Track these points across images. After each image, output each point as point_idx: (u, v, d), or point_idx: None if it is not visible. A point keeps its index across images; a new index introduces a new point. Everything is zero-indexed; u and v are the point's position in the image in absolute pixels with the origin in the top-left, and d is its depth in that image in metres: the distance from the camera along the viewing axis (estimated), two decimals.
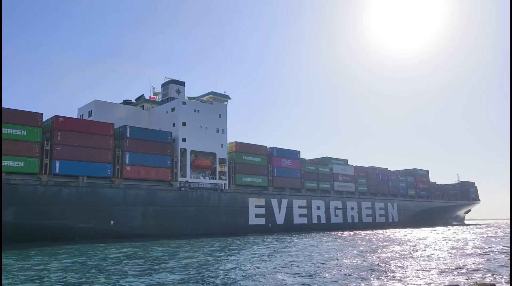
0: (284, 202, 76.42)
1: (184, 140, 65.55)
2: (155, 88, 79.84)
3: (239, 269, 23.88)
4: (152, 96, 78.78)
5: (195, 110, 68.73)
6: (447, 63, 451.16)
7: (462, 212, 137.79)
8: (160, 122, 69.34)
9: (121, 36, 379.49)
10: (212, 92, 74.66)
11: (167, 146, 61.84)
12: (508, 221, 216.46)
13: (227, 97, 76.18)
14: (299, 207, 79.47)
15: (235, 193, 69.78)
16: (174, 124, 66.51)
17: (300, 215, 79.35)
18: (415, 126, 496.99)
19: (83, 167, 52.24)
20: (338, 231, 73.82)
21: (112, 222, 52.80)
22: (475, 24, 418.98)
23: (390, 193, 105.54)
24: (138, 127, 61.47)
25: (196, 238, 52.17)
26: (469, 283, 18.51)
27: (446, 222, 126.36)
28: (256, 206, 71.25)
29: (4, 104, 50.27)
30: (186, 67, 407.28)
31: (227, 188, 69.52)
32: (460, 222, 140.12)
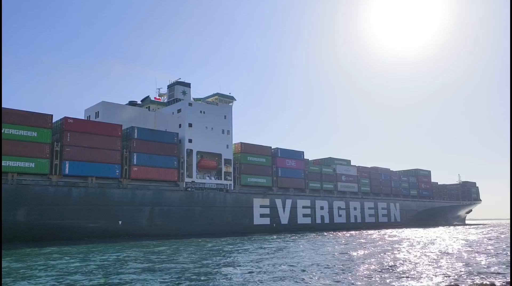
0: (289, 202, 77.21)
1: (190, 141, 66.28)
2: (161, 88, 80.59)
3: (244, 268, 24.28)
4: (157, 97, 79.45)
5: (201, 111, 69.50)
6: (447, 63, 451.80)
7: (463, 212, 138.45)
8: (166, 123, 70.01)
9: (121, 36, 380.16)
10: (217, 94, 75.33)
11: (174, 147, 62.56)
12: (509, 221, 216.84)
13: (232, 99, 76.84)
14: (303, 207, 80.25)
15: (240, 193, 70.55)
16: (180, 125, 67.19)
17: (304, 215, 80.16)
18: (417, 126, 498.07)
19: (92, 167, 52.95)
20: (341, 231, 74.51)
21: (120, 222, 53.63)
22: (475, 24, 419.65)
23: (392, 193, 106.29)
24: (145, 128, 62.15)
25: (202, 237, 52.80)
26: (469, 283, 18.72)
27: (447, 222, 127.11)
28: (261, 206, 72.03)
29: (4, 104, 50.69)
30: (187, 68, 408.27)
31: (232, 188, 70.23)
32: (462, 222, 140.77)
